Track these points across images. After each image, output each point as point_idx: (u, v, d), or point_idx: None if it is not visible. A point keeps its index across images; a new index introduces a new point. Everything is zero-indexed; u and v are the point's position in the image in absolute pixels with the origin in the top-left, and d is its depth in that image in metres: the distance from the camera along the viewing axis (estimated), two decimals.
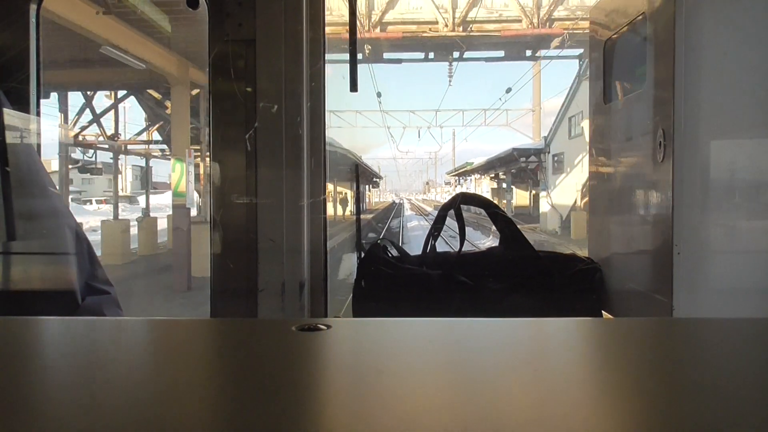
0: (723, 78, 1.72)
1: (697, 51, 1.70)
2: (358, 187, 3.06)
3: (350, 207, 27.82)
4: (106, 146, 21.04)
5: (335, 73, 2.30)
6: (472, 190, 39.40)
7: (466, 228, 2.43)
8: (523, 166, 29.89)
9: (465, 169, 42.37)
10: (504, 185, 36.02)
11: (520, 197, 35.25)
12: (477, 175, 42.60)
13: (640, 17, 2.01)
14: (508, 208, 31.25)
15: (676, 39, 1.71)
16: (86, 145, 20.87)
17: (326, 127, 1.94)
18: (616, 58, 2.33)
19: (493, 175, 39.21)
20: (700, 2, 1.72)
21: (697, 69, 1.70)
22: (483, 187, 42.55)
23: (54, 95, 17.58)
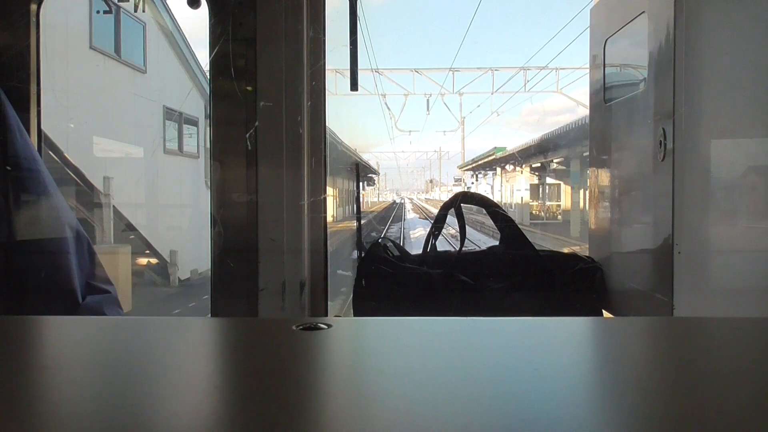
0: (723, 78, 1.72)
1: (697, 51, 1.70)
2: (358, 186, 3.08)
3: (331, 212, 24.96)
4: None
5: None
6: (497, 192, 28.94)
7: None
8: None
9: (493, 156, 28.98)
10: (559, 181, 24.29)
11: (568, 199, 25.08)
12: (509, 167, 29.38)
13: (640, 17, 2.01)
14: (577, 222, 20.48)
15: (676, 39, 1.71)
16: None
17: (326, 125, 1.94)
18: (617, 58, 2.33)
19: (538, 165, 27.41)
20: (700, 2, 1.72)
21: (697, 69, 1.70)
22: (519, 184, 29.76)
23: None
